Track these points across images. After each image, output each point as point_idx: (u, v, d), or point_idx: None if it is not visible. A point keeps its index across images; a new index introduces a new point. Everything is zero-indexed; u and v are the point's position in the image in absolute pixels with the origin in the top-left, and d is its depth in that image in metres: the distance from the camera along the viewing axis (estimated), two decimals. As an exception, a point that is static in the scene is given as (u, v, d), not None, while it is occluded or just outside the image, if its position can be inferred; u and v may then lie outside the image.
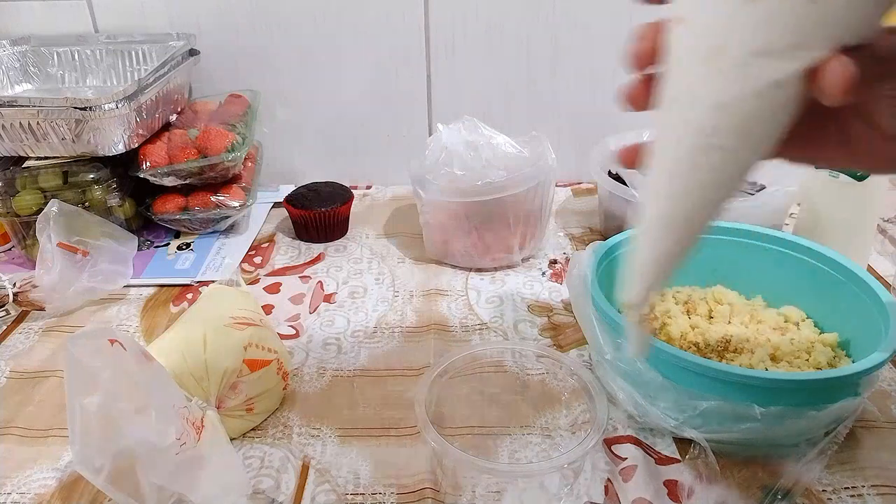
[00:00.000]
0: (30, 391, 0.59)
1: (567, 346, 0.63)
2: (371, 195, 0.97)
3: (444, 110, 0.95)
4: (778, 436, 0.47)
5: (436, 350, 0.63)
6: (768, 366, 0.52)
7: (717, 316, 0.59)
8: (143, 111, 0.77)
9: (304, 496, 0.48)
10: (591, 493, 0.48)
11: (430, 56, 0.92)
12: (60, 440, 0.53)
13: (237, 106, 0.87)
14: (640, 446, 0.51)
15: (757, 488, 0.47)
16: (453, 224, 0.74)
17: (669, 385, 0.48)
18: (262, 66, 0.93)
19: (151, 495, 0.40)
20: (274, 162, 0.97)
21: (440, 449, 0.45)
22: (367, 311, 0.70)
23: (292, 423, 0.55)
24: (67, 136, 0.73)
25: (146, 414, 0.40)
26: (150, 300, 0.73)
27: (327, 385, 0.59)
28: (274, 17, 0.90)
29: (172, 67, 0.82)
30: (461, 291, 0.73)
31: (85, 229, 0.71)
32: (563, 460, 0.45)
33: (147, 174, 0.79)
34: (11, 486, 0.49)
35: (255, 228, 0.87)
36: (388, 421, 0.55)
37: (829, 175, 0.68)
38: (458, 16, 0.89)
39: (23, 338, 0.67)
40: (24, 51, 0.91)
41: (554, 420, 0.54)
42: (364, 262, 0.79)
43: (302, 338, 0.66)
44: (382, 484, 0.49)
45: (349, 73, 0.93)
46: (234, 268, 0.77)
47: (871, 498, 0.47)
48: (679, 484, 0.48)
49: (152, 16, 0.90)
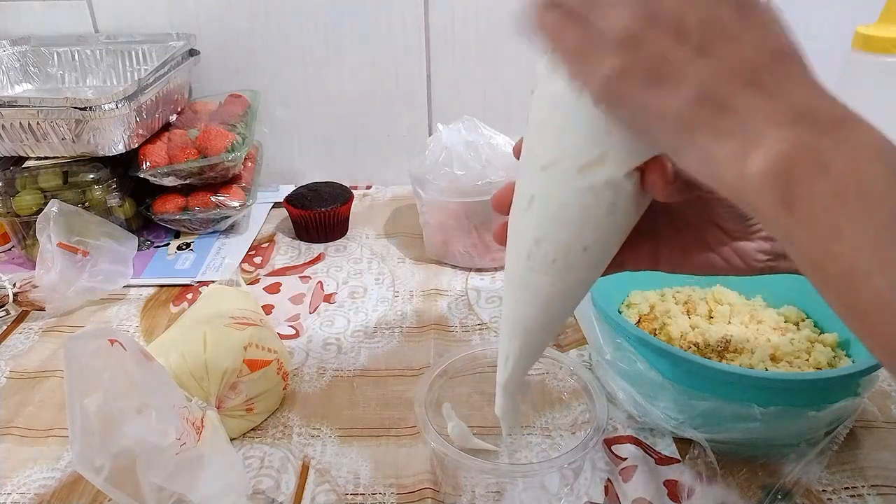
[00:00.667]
0: (30, 391, 0.59)
1: (567, 346, 0.63)
2: (371, 195, 0.97)
3: (444, 110, 0.95)
4: (778, 436, 0.47)
5: (436, 350, 0.63)
6: (768, 366, 0.52)
7: (717, 316, 0.59)
8: (143, 111, 0.77)
9: (304, 496, 0.48)
10: (591, 493, 0.48)
11: (430, 56, 0.92)
12: (60, 440, 0.53)
13: (237, 106, 0.87)
14: (640, 446, 0.51)
15: (757, 488, 0.47)
16: (453, 224, 0.74)
17: (669, 385, 0.47)
18: (262, 66, 0.93)
19: (151, 495, 0.40)
20: (274, 162, 0.97)
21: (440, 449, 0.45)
22: (367, 311, 0.70)
23: (292, 423, 0.55)
24: (67, 136, 0.73)
25: (146, 414, 0.40)
26: (150, 300, 0.73)
27: (327, 385, 0.59)
28: (274, 17, 0.90)
29: (172, 67, 0.82)
30: (461, 291, 0.73)
31: (85, 229, 0.71)
32: (563, 460, 0.45)
33: (147, 174, 0.79)
34: (11, 486, 0.49)
35: (255, 228, 0.87)
36: (388, 421, 0.55)
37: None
38: (458, 16, 0.89)
39: (23, 338, 0.66)
40: (24, 51, 0.91)
41: (554, 420, 0.54)
42: (364, 262, 0.79)
43: (302, 338, 0.66)
44: (382, 484, 0.49)
45: (349, 73, 0.93)
46: (234, 268, 0.77)
47: (871, 498, 0.47)
48: (679, 484, 0.48)
49: (152, 16, 0.90)
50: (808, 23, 0.88)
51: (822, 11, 0.87)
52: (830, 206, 0.25)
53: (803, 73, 0.27)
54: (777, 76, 0.26)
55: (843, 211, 0.25)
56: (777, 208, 0.26)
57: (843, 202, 0.25)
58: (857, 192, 0.25)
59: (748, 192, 0.26)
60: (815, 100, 0.26)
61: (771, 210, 0.26)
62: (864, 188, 0.25)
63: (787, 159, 0.25)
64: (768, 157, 0.25)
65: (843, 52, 0.65)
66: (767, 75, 0.26)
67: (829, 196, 0.25)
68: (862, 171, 0.25)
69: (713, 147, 0.27)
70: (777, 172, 0.25)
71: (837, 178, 0.25)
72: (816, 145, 0.25)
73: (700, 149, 0.27)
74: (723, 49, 0.26)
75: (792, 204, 0.25)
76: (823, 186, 0.25)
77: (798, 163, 0.25)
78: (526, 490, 0.47)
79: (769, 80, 0.26)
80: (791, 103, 0.26)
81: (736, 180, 0.26)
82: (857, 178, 0.25)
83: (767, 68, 0.26)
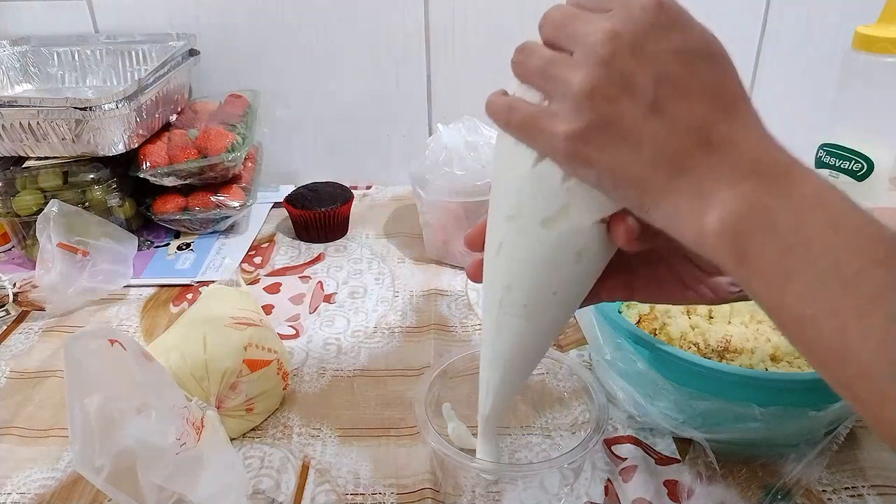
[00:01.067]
0: (30, 391, 0.59)
1: (567, 346, 0.63)
2: (371, 195, 0.97)
3: (444, 110, 0.95)
4: (778, 436, 0.47)
5: (436, 350, 0.63)
6: (768, 366, 0.52)
7: (717, 316, 0.59)
8: (143, 111, 0.77)
9: (304, 496, 0.48)
10: (591, 493, 0.48)
11: (430, 56, 0.92)
12: (60, 440, 0.53)
13: (237, 106, 0.87)
14: (640, 446, 0.51)
15: (757, 488, 0.47)
16: (453, 224, 0.74)
17: (669, 385, 0.47)
18: (262, 66, 0.93)
19: (151, 495, 0.40)
20: (274, 162, 0.97)
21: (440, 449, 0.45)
22: (367, 311, 0.70)
23: (292, 423, 0.55)
24: (67, 137, 0.73)
25: (146, 414, 0.40)
26: (150, 300, 0.73)
27: (327, 385, 0.59)
28: (274, 17, 0.90)
29: (172, 67, 0.82)
30: (461, 291, 0.73)
31: (85, 229, 0.71)
32: (563, 460, 0.45)
33: (147, 174, 0.79)
34: (11, 486, 0.49)
35: (255, 228, 0.87)
36: (388, 421, 0.55)
37: (828, 175, 0.68)
38: (458, 16, 0.89)
39: (23, 338, 0.66)
40: (25, 51, 0.91)
41: (554, 420, 0.54)
42: (364, 262, 0.79)
43: (302, 338, 0.66)
44: (382, 484, 0.49)
45: (349, 73, 0.93)
46: (234, 268, 0.77)
47: (871, 498, 0.47)
48: (679, 484, 0.48)
49: (152, 16, 0.90)
50: (808, 23, 0.88)
51: (822, 11, 0.87)
52: (778, 259, 0.27)
53: (751, 121, 0.29)
54: (728, 130, 0.28)
55: (790, 263, 0.27)
56: (733, 261, 0.28)
57: (789, 255, 0.27)
58: (802, 245, 0.27)
59: (707, 247, 0.29)
60: (763, 152, 0.28)
61: (728, 263, 0.28)
62: (807, 240, 0.27)
63: (739, 219, 0.27)
64: (722, 215, 0.28)
65: (843, 52, 0.65)
66: (719, 132, 0.28)
67: (777, 250, 0.27)
68: (805, 224, 0.27)
69: (673, 206, 0.29)
70: (731, 230, 0.28)
71: (783, 233, 0.27)
72: (765, 203, 0.27)
73: (661, 208, 0.29)
74: (675, 107, 0.28)
75: (745, 258, 0.28)
76: (772, 242, 0.27)
77: (749, 221, 0.27)
78: (526, 490, 0.47)
79: (721, 136, 0.28)
80: (741, 160, 0.28)
81: (695, 236, 0.29)
82: (801, 231, 0.27)
83: (718, 124, 0.28)
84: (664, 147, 0.28)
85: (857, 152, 0.66)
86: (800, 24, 0.88)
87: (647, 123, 0.28)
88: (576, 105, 0.29)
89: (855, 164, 0.66)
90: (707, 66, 0.29)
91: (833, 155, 0.68)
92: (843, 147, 0.67)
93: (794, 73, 0.90)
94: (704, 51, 0.29)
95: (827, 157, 0.68)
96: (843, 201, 0.27)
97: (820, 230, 0.27)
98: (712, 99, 0.28)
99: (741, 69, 0.29)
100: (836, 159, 0.68)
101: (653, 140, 0.28)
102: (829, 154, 0.68)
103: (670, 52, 0.28)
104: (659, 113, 0.28)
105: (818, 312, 0.26)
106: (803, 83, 0.90)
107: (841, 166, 0.67)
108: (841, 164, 0.67)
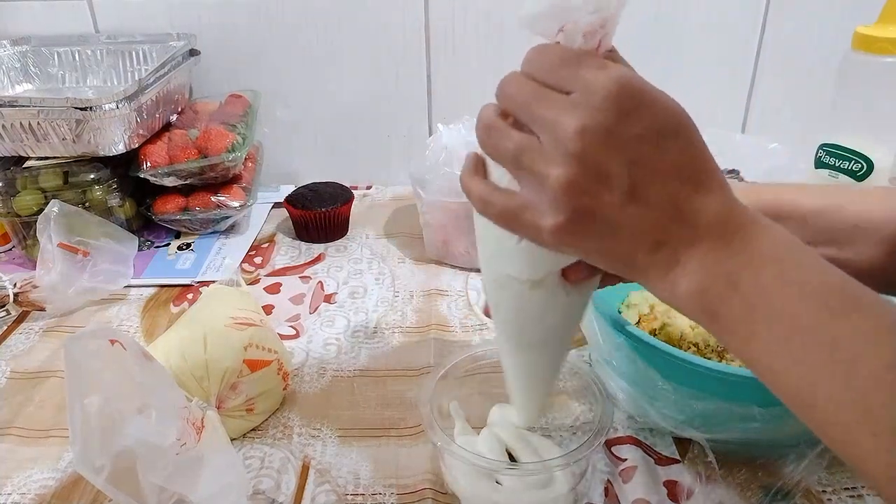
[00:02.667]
0: (30, 391, 0.59)
1: (567, 347, 0.63)
2: (371, 195, 0.97)
3: (444, 110, 0.95)
4: (778, 436, 0.47)
5: (436, 350, 0.63)
6: (768, 366, 0.52)
7: (717, 316, 0.59)
8: (144, 111, 0.77)
9: (305, 496, 0.48)
10: (591, 493, 0.48)
11: (430, 56, 0.92)
12: (60, 440, 0.53)
13: (237, 106, 0.87)
14: (640, 447, 0.51)
15: (757, 488, 0.47)
16: (453, 224, 0.74)
17: (669, 385, 0.47)
18: (262, 66, 0.93)
19: (151, 495, 0.40)
20: (274, 162, 0.97)
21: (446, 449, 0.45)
22: (367, 311, 0.70)
23: (292, 423, 0.55)
24: (68, 137, 0.73)
25: (146, 414, 0.40)
26: (151, 300, 0.73)
27: (327, 385, 0.59)
28: (274, 17, 0.90)
29: (173, 67, 0.82)
30: (461, 291, 0.73)
31: (85, 229, 0.71)
32: (564, 460, 0.45)
33: (147, 174, 0.79)
34: (11, 487, 0.49)
35: (256, 229, 0.87)
36: (388, 421, 0.55)
37: (828, 175, 0.68)
38: (458, 15, 0.89)
39: (23, 338, 0.67)
40: (25, 51, 0.91)
41: (554, 420, 0.54)
42: (364, 262, 0.79)
43: (302, 338, 0.66)
44: (382, 484, 0.49)
45: (349, 73, 0.93)
46: (234, 268, 0.77)
47: (871, 498, 0.47)
48: (679, 484, 0.48)
49: (152, 16, 0.90)
50: (809, 23, 0.88)
51: (822, 11, 0.87)
52: (744, 316, 0.29)
53: (715, 187, 0.31)
54: (697, 199, 0.30)
55: (755, 319, 0.29)
56: (706, 322, 0.31)
57: (753, 312, 0.29)
58: (763, 302, 0.29)
59: (682, 308, 0.32)
60: (725, 214, 0.31)
61: (703, 322, 0.31)
62: (768, 297, 0.29)
63: (705, 285, 0.30)
64: (692, 283, 0.30)
65: (843, 52, 0.65)
66: (690, 203, 0.30)
67: (741, 309, 0.30)
68: (764, 282, 0.29)
69: (654, 276, 0.32)
70: (699, 294, 0.30)
71: (745, 292, 0.29)
72: (726, 267, 0.30)
73: (643, 277, 0.32)
74: (650, 190, 0.30)
75: (716, 318, 0.30)
76: (736, 302, 0.30)
77: (714, 285, 0.30)
78: (527, 490, 0.47)
79: (691, 206, 0.30)
80: (707, 225, 0.30)
81: (671, 299, 0.32)
82: (760, 289, 0.29)
83: (689, 196, 0.30)
84: (643, 227, 0.30)
85: (857, 152, 0.66)
86: (800, 24, 0.88)
87: (625, 209, 0.30)
88: (554, 199, 0.30)
89: (855, 164, 0.66)
90: (674, 142, 0.30)
91: (833, 155, 0.68)
92: (842, 147, 0.67)
93: (794, 73, 0.90)
94: (671, 128, 0.30)
95: (827, 157, 0.69)
96: (800, 253, 0.30)
97: (778, 287, 0.29)
98: (681, 173, 0.30)
99: (741, 70, 0.30)
100: (835, 159, 0.68)
101: (632, 223, 0.30)
102: (829, 154, 0.68)
103: (639, 137, 0.29)
104: (635, 198, 0.30)
105: (784, 363, 0.29)
106: (803, 83, 0.90)
107: (841, 166, 0.67)
108: (841, 164, 0.67)
